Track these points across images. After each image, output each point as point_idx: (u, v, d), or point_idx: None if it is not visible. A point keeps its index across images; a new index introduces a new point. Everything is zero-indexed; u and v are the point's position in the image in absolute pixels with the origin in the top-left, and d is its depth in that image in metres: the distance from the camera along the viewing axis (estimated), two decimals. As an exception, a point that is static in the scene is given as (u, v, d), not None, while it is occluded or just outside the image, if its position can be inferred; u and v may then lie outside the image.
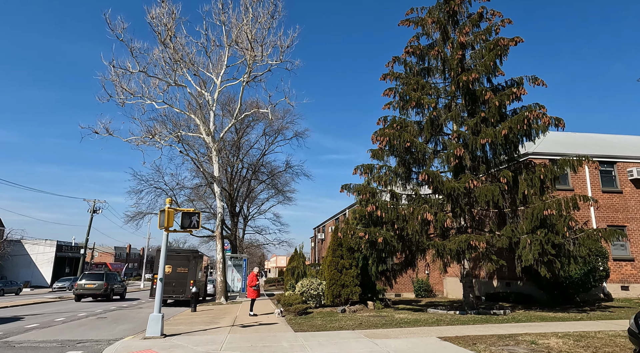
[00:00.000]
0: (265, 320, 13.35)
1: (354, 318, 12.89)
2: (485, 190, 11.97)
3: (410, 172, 14.74)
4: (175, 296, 22.40)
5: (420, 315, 13.24)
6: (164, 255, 10.22)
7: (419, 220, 12.21)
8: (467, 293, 14.07)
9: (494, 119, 12.86)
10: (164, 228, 9.76)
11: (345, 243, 16.48)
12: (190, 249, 24.24)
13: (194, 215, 10.20)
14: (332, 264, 16.06)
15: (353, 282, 15.88)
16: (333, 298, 15.72)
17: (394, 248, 13.55)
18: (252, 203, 46.85)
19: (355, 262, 16.35)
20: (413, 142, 13.23)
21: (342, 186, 15.85)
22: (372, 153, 16.26)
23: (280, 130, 39.14)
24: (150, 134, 20.80)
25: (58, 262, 61.15)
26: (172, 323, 13.14)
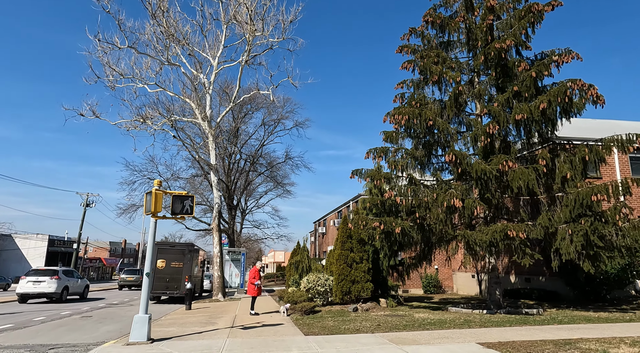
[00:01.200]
0: (268, 320, 11.86)
1: (369, 318, 11.43)
2: (520, 174, 10.49)
3: (430, 156, 13.24)
4: (169, 292, 20.86)
5: (444, 315, 11.79)
6: (151, 246, 8.68)
7: (443, 208, 10.73)
8: (492, 290, 12.64)
9: (528, 93, 11.34)
10: (151, 213, 8.21)
11: (355, 234, 14.98)
12: (186, 242, 22.71)
13: (187, 199, 8.65)
14: (341, 258, 14.58)
15: (364, 278, 14.41)
16: (342, 296, 14.25)
17: (413, 240, 12.08)
18: (250, 196, 45.33)
19: (367, 255, 14.88)
20: (435, 121, 11.71)
21: (353, 171, 14.34)
22: (385, 135, 14.73)
23: (279, 120, 37.54)
24: (141, 117, 19.15)
25: (50, 257, 59.45)
26: (163, 323, 11.63)
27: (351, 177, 14.43)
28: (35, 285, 18.85)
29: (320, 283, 14.41)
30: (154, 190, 8.18)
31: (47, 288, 18.85)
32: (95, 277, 75.31)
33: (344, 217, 15.35)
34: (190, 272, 21.53)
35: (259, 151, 38.44)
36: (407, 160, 12.61)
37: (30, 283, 18.90)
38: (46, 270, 20.14)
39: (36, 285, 18.87)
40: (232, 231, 37.93)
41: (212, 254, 22.19)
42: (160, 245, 21.80)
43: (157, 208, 8.14)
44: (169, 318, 13.19)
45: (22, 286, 18.92)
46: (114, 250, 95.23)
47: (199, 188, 38.09)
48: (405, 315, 12.25)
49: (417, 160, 12.80)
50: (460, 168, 10.77)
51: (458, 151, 10.94)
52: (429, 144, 13.05)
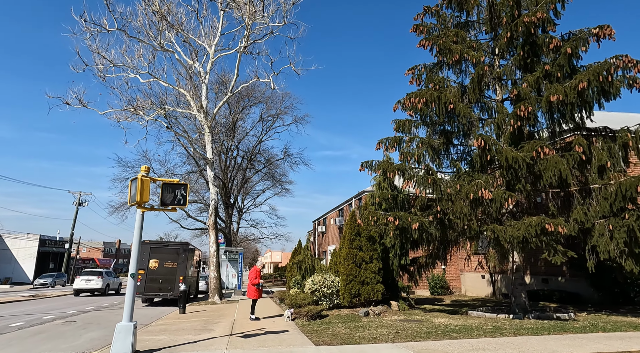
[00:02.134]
0: (271, 326, 10.64)
1: (384, 324, 10.23)
2: (554, 162, 9.35)
3: (447, 145, 12.07)
4: (162, 294, 19.57)
5: (466, 320, 10.61)
6: (137, 242, 7.43)
7: (467, 201, 9.57)
8: (518, 292, 11.49)
9: (561, 72, 10.21)
10: (136, 204, 6.98)
11: (364, 232, 13.79)
12: (180, 242, 21.42)
13: (179, 188, 7.42)
14: (349, 257, 13.38)
15: (375, 279, 13.21)
16: (351, 298, 13.05)
17: (431, 237, 10.90)
18: (247, 195, 44.08)
19: (377, 254, 13.69)
20: (456, 105, 10.56)
21: (363, 164, 13.17)
22: (396, 125, 13.57)
23: (278, 115, 36.27)
24: (132, 107, 17.86)
25: (41, 258, 57.79)
26: (153, 330, 10.38)
27: (360, 169, 13.26)
28: (86, 283, 25.20)
29: (327, 285, 13.21)
30: (139, 176, 6.95)
31: (95, 285, 25.22)
32: (88, 277, 73.25)
33: (352, 212, 14.16)
34: (185, 273, 20.25)
35: (256, 147, 37.19)
36: (423, 150, 11.44)
37: (83, 281, 25.25)
38: (94, 271, 27.01)
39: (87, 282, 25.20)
40: (228, 230, 36.65)
41: (208, 254, 20.91)
42: (153, 244, 20.50)
43: (144, 197, 6.90)
44: (160, 323, 11.95)
45: (77, 283, 25.27)
46: (107, 251, 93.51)
47: (194, 186, 36.79)
48: (423, 320, 11.07)
49: (434, 150, 11.65)
50: (489, 155, 9.61)
51: (487, 136, 9.79)
52: (447, 131, 11.90)
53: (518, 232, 8.98)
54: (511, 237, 9.10)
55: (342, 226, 31.21)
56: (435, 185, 9.98)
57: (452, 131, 11.96)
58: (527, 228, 8.92)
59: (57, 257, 60.89)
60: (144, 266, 19.87)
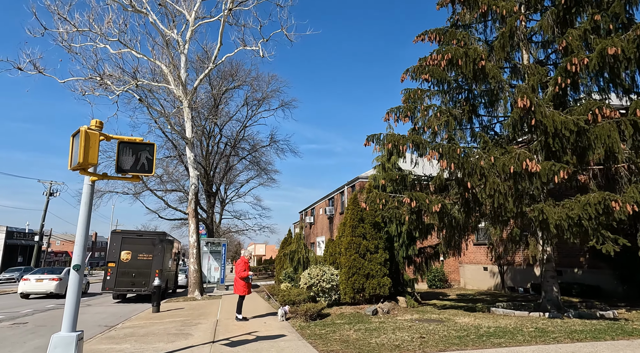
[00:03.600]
0: (262, 328, 8.74)
1: (401, 326, 8.47)
2: (609, 130, 7.72)
3: (471, 115, 10.32)
4: (135, 289, 17.40)
5: (496, 320, 8.95)
6: (83, 223, 5.37)
7: (504, 175, 7.86)
8: (549, 286, 9.92)
9: (613, 24, 8.59)
10: (80, 167, 4.91)
11: (368, 217, 11.99)
12: (156, 231, 19.22)
13: (144, 149, 5.40)
14: (352, 247, 11.56)
15: (381, 271, 11.44)
16: (354, 294, 11.25)
17: (454, 220, 9.16)
18: (230, 185, 41.84)
19: (382, 243, 11.91)
20: (486, 64, 8.81)
21: (369, 137, 11.31)
22: (405, 95, 11.77)
23: (264, 98, 33.97)
24: (99, 75, 15.47)
25: (8, 250, 54.13)
26: (117, 336, 8.33)
27: (366, 144, 11.40)
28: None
29: (326, 279, 11.37)
30: (83, 128, 4.88)
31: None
32: (61, 271, 69.72)
33: (354, 195, 12.32)
34: (162, 266, 18.08)
35: (240, 133, 34.85)
36: (442, 120, 9.65)
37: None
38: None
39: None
40: (210, 221, 34.41)
41: (188, 245, 18.79)
42: (125, 234, 18.24)
43: (90, 158, 4.86)
44: (128, 326, 9.88)
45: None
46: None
47: (173, 174, 34.33)
48: (443, 319, 9.37)
49: (456, 120, 9.91)
50: (534, 119, 7.90)
51: (532, 95, 8.06)
52: (472, 98, 10.16)
53: (572, 213, 7.34)
54: (561, 219, 7.44)
55: (332, 216, 29.45)
56: (465, 157, 8.24)
57: (477, 97, 10.24)
58: (583, 207, 7.29)
59: (27, 250, 57.31)
60: (115, 258, 17.62)
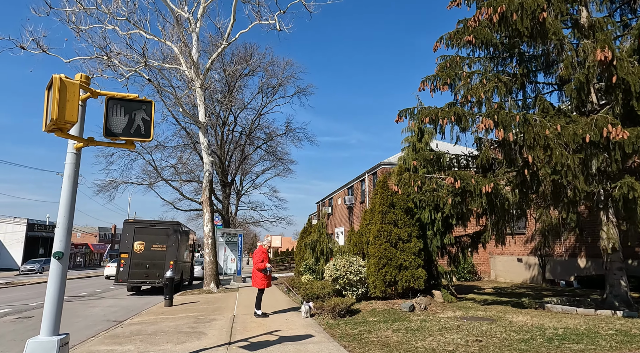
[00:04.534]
0: (285, 327, 7.67)
1: (447, 326, 7.26)
2: None
3: (524, 80, 8.90)
4: (149, 282, 16.60)
5: (560, 319, 7.64)
6: (67, 201, 4.32)
7: (575, 147, 6.51)
8: (616, 279, 8.54)
9: None
10: (54, 126, 3.81)
11: (399, 202, 10.74)
12: (170, 221, 18.40)
13: (139, 108, 4.29)
14: (382, 235, 10.34)
15: (415, 262, 10.21)
16: (385, 287, 10.07)
17: (507, 203, 7.85)
18: (245, 176, 41.09)
19: (416, 230, 10.66)
20: (546, 18, 7.39)
21: (401, 112, 10.02)
22: (440, 65, 10.40)
23: (279, 84, 32.80)
24: (106, 54, 14.56)
25: (30, 242, 54.95)
26: (121, 334, 7.37)
27: (398, 120, 10.11)
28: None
29: (353, 270, 10.20)
30: (58, 76, 3.79)
31: None
32: (82, 263, 71.24)
33: (383, 178, 11.07)
34: (177, 257, 17.27)
35: (255, 121, 33.79)
36: (491, 86, 8.29)
37: None
38: None
39: None
40: (226, 211, 33.64)
41: (203, 236, 17.90)
42: (138, 224, 17.45)
43: (67, 115, 3.76)
44: (136, 321, 8.96)
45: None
46: (103, 236, 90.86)
47: (188, 164, 33.67)
48: (493, 317, 8.11)
49: (506, 86, 8.54)
50: (615, 75, 6.50)
51: (614, 46, 6.67)
52: (528, 59, 8.74)
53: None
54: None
55: (352, 205, 28.26)
56: (525, 125, 6.88)
57: (529, 61, 8.82)
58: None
59: (48, 242, 58.12)
60: (128, 249, 16.86)
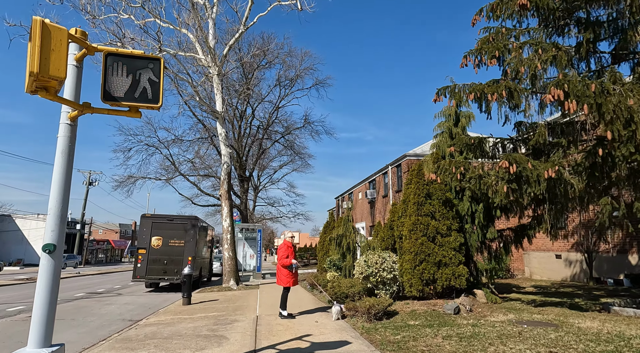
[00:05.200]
0: (315, 331, 6.79)
1: (503, 331, 6.25)
2: None
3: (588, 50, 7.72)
4: (168, 278, 16.04)
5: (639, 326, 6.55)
6: (60, 185, 3.51)
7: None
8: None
9: None
10: (35, 83, 2.97)
11: (436, 192, 9.70)
12: (188, 216, 17.77)
13: (146, 68, 3.45)
14: (418, 228, 9.34)
15: (456, 258, 9.18)
16: (422, 286, 9.08)
17: (573, 189, 6.76)
18: (263, 171, 40.53)
19: (456, 223, 9.61)
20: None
21: (439, 90, 8.98)
22: (482, 40, 9.28)
23: (297, 76, 31.86)
24: (119, 39, 13.95)
25: (53, 239, 55.64)
26: (135, 338, 6.62)
27: (435, 100, 9.06)
28: None
29: (387, 267, 9.24)
30: (39, 20, 2.94)
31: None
32: (103, 259, 72.45)
33: (418, 165, 10.04)
34: (195, 253, 16.66)
35: (273, 114, 32.99)
36: (549, 56, 7.17)
37: None
38: None
39: None
40: (244, 207, 33.05)
41: (222, 230, 17.22)
42: (155, 219, 16.88)
43: (52, 69, 2.91)
44: (153, 322, 8.24)
45: None
46: (124, 233, 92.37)
47: (205, 159, 33.22)
48: (553, 321, 7.04)
49: (568, 55, 7.43)
50: None
51: None
52: (595, 24, 7.57)
53: None
54: None
55: (374, 200, 27.21)
56: (603, 95, 5.78)
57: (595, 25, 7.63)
58: None
59: (70, 238, 59.09)
60: (145, 245, 16.33)
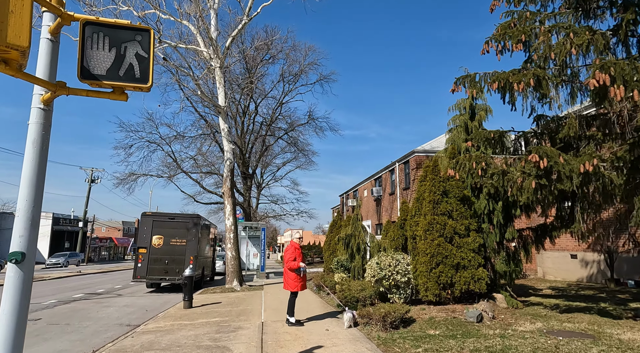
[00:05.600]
0: (327, 341, 6.19)
1: (537, 344, 5.62)
2: None
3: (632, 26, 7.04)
4: (169, 278, 15.51)
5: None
6: (30, 180, 2.92)
7: None
8: None
9: None
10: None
11: (453, 190, 9.07)
12: (190, 214, 17.22)
13: (133, 40, 2.87)
14: (434, 228, 8.71)
15: (475, 260, 8.55)
16: (439, 290, 8.46)
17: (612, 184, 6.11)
18: (266, 169, 39.99)
19: (475, 223, 8.98)
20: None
21: (459, 80, 8.32)
22: (503, 25, 8.61)
23: (301, 71, 31.13)
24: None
25: (56, 236, 55.69)
26: (131, 348, 6.02)
27: (454, 90, 8.39)
28: None
29: (400, 270, 8.62)
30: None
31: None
32: (107, 257, 72.30)
33: (434, 160, 9.41)
34: (197, 252, 16.13)
35: (276, 111, 32.33)
36: (583, 40, 6.52)
37: None
38: None
39: None
40: (247, 204, 32.51)
41: (225, 229, 16.66)
42: (156, 217, 16.35)
43: (11, 35, 2.31)
44: (151, 328, 7.67)
45: None
46: (127, 230, 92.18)
47: (207, 157, 32.69)
48: (588, 331, 6.41)
49: (605, 39, 6.78)
50: None
51: None
52: (632, 4, 6.90)
53: None
54: None
55: (380, 197, 26.58)
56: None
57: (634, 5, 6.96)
58: None
59: (73, 235, 58.94)
60: (146, 244, 15.79)
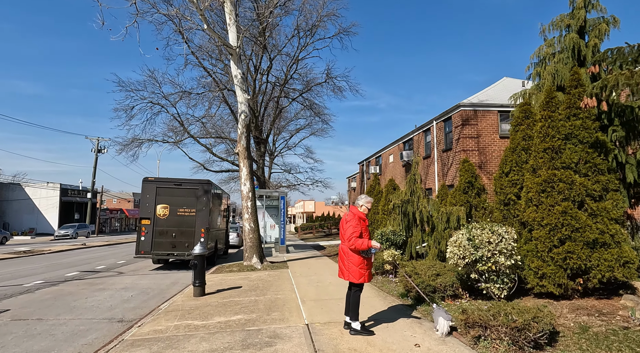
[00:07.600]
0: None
1: None
2: None
3: None
4: (177, 254, 13.13)
5: None
6: None
7: None
8: None
9: None
10: None
11: (580, 133, 6.16)
12: (200, 180, 14.55)
13: None
14: (554, 187, 5.89)
15: (619, 235, 5.76)
16: (566, 279, 5.74)
17: None
18: (278, 135, 37.13)
19: (615, 181, 6.12)
20: None
21: None
22: None
23: (319, 22, 27.41)
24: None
25: (65, 208, 54.42)
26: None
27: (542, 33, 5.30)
28: None
29: (504, 249, 5.87)
30: None
31: None
32: (118, 228, 71.67)
33: (550, 90, 6.43)
34: (209, 224, 13.64)
35: (292, 68, 28.85)
36: None
37: None
38: None
39: None
40: (261, 172, 29.90)
41: (241, 196, 14.04)
42: (159, 183, 13.76)
43: None
44: (145, 334, 5.13)
45: None
46: (137, 202, 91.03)
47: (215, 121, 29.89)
48: None
49: None
50: None
51: None
52: None
53: None
54: None
55: (411, 161, 23.75)
56: None
57: None
58: None
59: (82, 207, 57.69)
60: (150, 214, 13.30)
